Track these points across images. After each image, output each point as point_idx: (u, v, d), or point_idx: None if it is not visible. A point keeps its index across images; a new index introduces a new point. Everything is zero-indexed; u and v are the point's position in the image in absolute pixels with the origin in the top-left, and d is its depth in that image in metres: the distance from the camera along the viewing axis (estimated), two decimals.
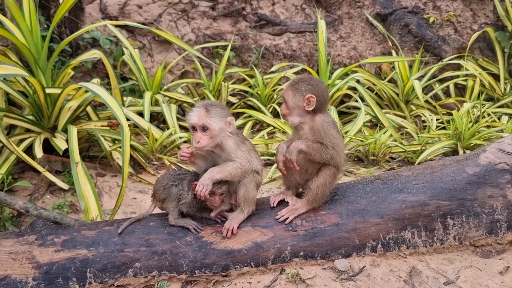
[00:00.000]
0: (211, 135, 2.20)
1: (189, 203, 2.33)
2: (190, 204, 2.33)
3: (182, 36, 5.71)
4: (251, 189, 2.32)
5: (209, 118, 2.17)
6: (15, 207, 2.61)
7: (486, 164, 2.60)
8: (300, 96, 2.29)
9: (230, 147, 2.25)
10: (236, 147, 2.26)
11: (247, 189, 2.30)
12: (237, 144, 2.28)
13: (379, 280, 2.29)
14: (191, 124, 2.20)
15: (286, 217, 2.38)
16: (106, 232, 2.37)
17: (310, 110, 2.30)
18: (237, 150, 2.26)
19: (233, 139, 2.27)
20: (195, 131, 2.21)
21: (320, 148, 2.27)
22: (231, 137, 2.27)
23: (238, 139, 2.30)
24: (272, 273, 2.32)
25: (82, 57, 3.81)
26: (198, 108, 2.21)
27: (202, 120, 2.17)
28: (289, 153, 2.30)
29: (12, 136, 3.31)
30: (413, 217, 2.45)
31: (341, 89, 4.98)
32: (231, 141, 2.26)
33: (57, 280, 2.18)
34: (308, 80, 2.34)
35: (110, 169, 3.60)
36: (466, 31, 5.82)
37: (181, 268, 2.27)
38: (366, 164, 3.95)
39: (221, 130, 2.22)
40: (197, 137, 2.19)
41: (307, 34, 5.99)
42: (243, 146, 2.30)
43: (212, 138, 2.21)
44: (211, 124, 2.17)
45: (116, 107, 2.91)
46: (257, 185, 2.37)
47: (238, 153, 2.26)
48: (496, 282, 2.27)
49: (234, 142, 2.27)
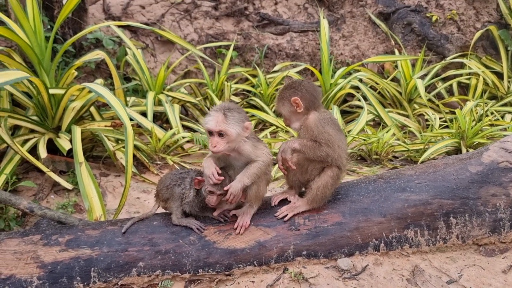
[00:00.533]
0: (228, 141, 2.18)
1: (191, 202, 2.34)
2: (192, 203, 2.34)
3: (185, 36, 5.73)
4: (263, 186, 2.36)
5: (226, 124, 2.14)
6: (19, 207, 2.62)
7: (489, 162, 2.60)
8: (287, 102, 2.34)
9: (248, 151, 2.27)
10: (253, 149, 2.28)
11: (259, 187, 2.33)
12: (254, 146, 2.29)
13: (382, 279, 2.29)
14: (207, 128, 2.18)
15: (285, 214, 2.40)
16: (110, 231, 2.38)
17: (301, 111, 2.32)
18: (256, 151, 2.28)
19: (249, 143, 2.28)
20: (211, 136, 2.19)
21: (313, 146, 2.28)
22: (247, 141, 2.26)
23: (252, 141, 2.30)
24: (275, 272, 2.33)
25: (85, 58, 3.82)
26: (216, 112, 2.17)
27: (219, 126, 2.14)
28: (284, 152, 2.31)
29: (17, 137, 3.34)
30: (416, 216, 2.45)
31: (343, 88, 4.98)
32: (248, 146, 2.27)
33: (61, 280, 2.20)
34: (290, 85, 2.39)
35: (113, 169, 3.62)
36: (469, 30, 5.81)
37: (185, 267, 2.28)
38: (369, 163, 3.95)
39: (238, 135, 2.20)
40: (214, 142, 2.17)
41: (309, 33, 5.99)
42: (260, 144, 2.32)
43: (229, 143, 2.19)
44: (228, 131, 2.15)
45: (120, 107, 2.93)
46: (267, 182, 2.40)
47: (258, 152, 2.28)
48: (499, 281, 2.27)
49: (251, 145, 2.28)
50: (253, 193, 2.34)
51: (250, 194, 2.34)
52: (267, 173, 2.37)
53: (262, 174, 2.31)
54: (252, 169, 2.27)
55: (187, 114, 5.11)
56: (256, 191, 2.33)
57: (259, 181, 2.32)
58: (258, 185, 2.32)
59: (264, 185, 2.38)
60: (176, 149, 4.08)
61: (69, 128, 3.38)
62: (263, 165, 2.28)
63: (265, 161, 2.29)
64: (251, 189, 2.33)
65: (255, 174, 2.27)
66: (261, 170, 2.28)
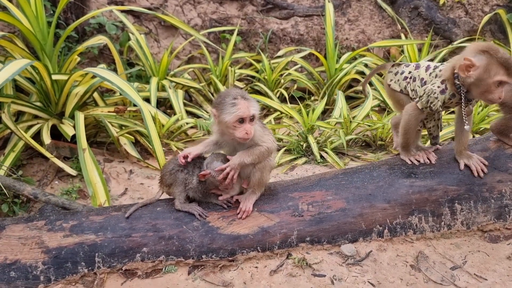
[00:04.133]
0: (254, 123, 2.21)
1: (195, 188, 2.34)
2: (195, 189, 2.34)
3: (188, 21, 5.67)
4: (266, 173, 2.35)
5: (254, 108, 2.15)
6: (23, 193, 2.64)
7: (495, 148, 2.57)
8: None
9: (258, 133, 2.26)
10: (262, 133, 2.28)
11: (262, 174, 2.33)
12: (263, 129, 2.30)
13: (385, 265, 2.29)
14: (241, 117, 2.13)
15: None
16: (113, 217, 2.39)
17: None
18: (263, 135, 2.28)
19: (259, 125, 2.29)
20: (241, 124, 2.15)
21: None
22: (256, 123, 2.26)
23: (261, 124, 2.33)
24: (278, 258, 2.33)
25: (88, 43, 3.80)
26: (240, 100, 2.14)
27: (251, 110, 2.13)
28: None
29: (20, 123, 3.33)
30: (420, 202, 2.44)
31: (349, 73, 4.92)
32: (258, 127, 2.26)
33: (66, 265, 2.21)
34: None
35: (117, 155, 3.61)
36: (477, 13, 5.71)
37: (188, 253, 2.29)
38: (374, 149, 3.93)
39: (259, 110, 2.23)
40: (248, 129, 2.15)
41: (314, 17, 5.91)
42: (266, 130, 2.33)
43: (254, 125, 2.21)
44: (257, 113, 2.17)
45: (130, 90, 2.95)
46: (271, 169, 2.39)
47: (264, 137, 2.28)
48: (504, 267, 2.26)
49: (260, 128, 2.29)
50: (256, 180, 2.34)
51: (253, 180, 2.34)
52: (271, 159, 2.36)
53: (265, 160, 2.31)
54: (255, 150, 2.27)
55: (191, 99, 5.08)
56: (260, 177, 2.33)
57: (262, 168, 2.32)
58: (261, 171, 2.32)
59: (268, 172, 2.37)
60: (180, 135, 4.07)
61: (73, 114, 3.38)
62: (266, 150, 2.28)
63: (269, 147, 2.29)
64: (254, 175, 2.33)
65: (256, 156, 2.26)
66: (263, 155, 2.28)
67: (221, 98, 2.19)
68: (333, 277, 2.21)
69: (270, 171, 2.41)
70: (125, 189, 3.19)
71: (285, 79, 5.18)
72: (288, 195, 2.47)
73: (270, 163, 2.36)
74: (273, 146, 2.31)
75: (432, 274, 2.22)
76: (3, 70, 2.64)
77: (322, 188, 2.51)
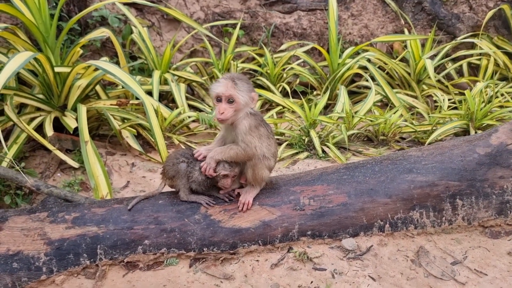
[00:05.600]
0: (236, 108, 2.18)
1: (198, 181, 2.34)
2: (199, 182, 2.35)
3: (191, 14, 5.65)
4: (259, 170, 2.32)
5: (236, 90, 2.14)
6: (26, 185, 2.65)
7: (497, 144, 2.57)
8: None
9: (242, 130, 2.22)
10: (247, 131, 2.22)
11: (254, 171, 2.32)
12: (250, 128, 2.24)
13: (386, 259, 2.29)
14: (216, 94, 2.16)
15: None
16: (115, 209, 2.40)
17: None
18: (246, 134, 2.22)
19: (248, 121, 2.23)
20: (219, 102, 2.18)
21: None
22: (247, 118, 2.23)
23: (253, 122, 2.25)
24: (279, 252, 2.34)
25: (90, 36, 3.79)
26: (225, 79, 2.17)
27: (229, 91, 2.14)
28: None
29: (23, 115, 3.34)
30: (421, 198, 2.44)
31: (351, 68, 4.91)
32: (246, 123, 2.22)
33: (68, 256, 2.22)
34: None
35: (119, 147, 3.62)
36: (481, 9, 5.67)
37: (190, 246, 2.30)
38: (376, 144, 3.92)
39: (246, 104, 2.20)
40: (221, 108, 2.15)
41: (317, 12, 5.88)
42: (255, 132, 2.25)
43: (236, 111, 2.19)
44: (238, 97, 2.15)
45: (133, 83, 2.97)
46: (267, 167, 2.35)
47: (246, 137, 2.23)
48: (504, 263, 2.26)
49: (248, 125, 2.23)
50: (250, 176, 2.34)
51: (248, 176, 2.36)
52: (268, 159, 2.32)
53: (241, 160, 2.29)
54: (229, 149, 2.26)
55: (193, 93, 5.08)
56: (252, 174, 2.33)
57: (254, 166, 2.30)
58: (253, 169, 2.31)
59: (262, 169, 2.32)
60: (182, 128, 4.07)
61: (75, 106, 3.38)
62: (241, 152, 2.24)
63: (246, 150, 2.23)
64: (247, 171, 2.34)
65: (228, 155, 2.25)
66: (237, 156, 2.25)
67: None
68: (334, 271, 2.21)
69: (268, 169, 2.37)
70: (127, 182, 3.20)
71: (288, 74, 5.17)
72: (289, 189, 2.48)
73: (264, 162, 2.31)
74: (250, 151, 2.23)
75: (432, 269, 2.23)
76: (8, 64, 2.64)
77: (323, 182, 2.51)
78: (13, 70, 2.61)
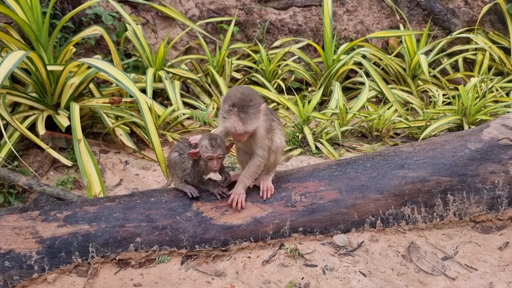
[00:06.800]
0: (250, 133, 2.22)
1: (190, 171, 2.38)
2: (190, 172, 2.38)
3: (186, 11, 5.64)
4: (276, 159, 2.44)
5: (246, 126, 2.11)
6: (18, 184, 2.65)
7: (489, 139, 2.57)
8: None
9: (259, 138, 2.28)
10: (265, 135, 2.29)
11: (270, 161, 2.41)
12: (267, 130, 2.30)
13: (377, 255, 2.30)
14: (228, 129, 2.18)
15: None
16: (107, 207, 2.40)
17: None
18: (264, 138, 2.30)
19: (264, 126, 2.28)
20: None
21: None
22: (262, 123, 2.25)
23: (266, 124, 2.30)
24: (271, 248, 2.35)
25: (83, 34, 3.78)
26: (233, 116, 2.09)
27: (239, 129, 2.10)
28: None
29: (16, 114, 3.34)
30: (413, 193, 2.45)
31: (346, 64, 4.90)
32: (262, 129, 2.27)
33: (60, 254, 2.23)
34: None
35: (113, 145, 3.62)
36: (476, 3, 5.66)
37: (181, 243, 2.31)
38: (370, 140, 3.93)
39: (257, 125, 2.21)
40: (236, 138, 2.20)
41: (313, 8, 5.86)
42: (270, 133, 2.33)
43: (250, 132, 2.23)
44: (249, 129, 2.14)
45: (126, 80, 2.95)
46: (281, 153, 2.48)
47: (264, 141, 2.30)
48: (495, 258, 2.27)
49: (265, 129, 2.29)
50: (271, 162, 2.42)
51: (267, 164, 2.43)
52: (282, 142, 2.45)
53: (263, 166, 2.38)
54: (252, 168, 2.33)
55: (188, 90, 5.07)
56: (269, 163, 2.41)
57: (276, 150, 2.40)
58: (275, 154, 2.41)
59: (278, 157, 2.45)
60: (176, 126, 4.07)
61: (68, 104, 3.37)
62: (261, 161, 2.32)
63: (264, 156, 2.32)
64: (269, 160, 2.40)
65: (254, 172, 2.35)
66: (260, 168, 2.35)
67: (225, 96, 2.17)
68: (325, 267, 2.22)
69: (281, 154, 2.49)
70: (120, 179, 3.20)
71: (283, 70, 5.17)
72: (281, 185, 2.48)
73: (279, 151, 2.43)
74: (266, 154, 2.34)
75: (423, 264, 2.23)
76: (2, 64, 2.64)
77: (315, 179, 2.52)
78: (8, 70, 2.61)
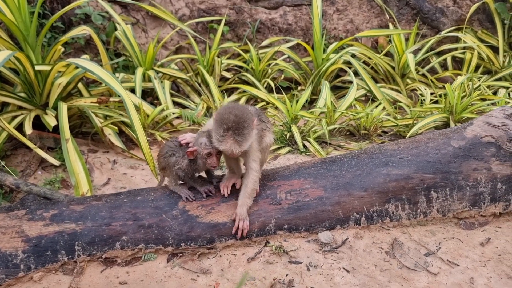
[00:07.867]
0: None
1: (184, 168, 2.38)
2: (184, 170, 2.38)
3: (176, 11, 5.64)
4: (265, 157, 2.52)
5: (242, 147, 2.11)
6: (5, 183, 2.65)
7: (471, 137, 2.61)
8: None
9: (253, 149, 2.30)
10: (257, 147, 2.32)
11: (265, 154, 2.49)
12: (259, 142, 2.34)
13: (361, 251, 2.33)
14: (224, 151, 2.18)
15: None
16: (94, 206, 2.41)
17: None
18: (256, 151, 2.32)
19: (257, 140, 2.30)
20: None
21: None
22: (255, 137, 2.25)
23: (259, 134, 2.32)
24: (256, 246, 2.37)
25: (71, 33, 3.78)
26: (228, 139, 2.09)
27: (238, 151, 2.12)
28: None
29: (4, 113, 3.33)
30: (397, 190, 2.48)
31: (336, 63, 4.93)
32: (255, 143, 2.29)
33: (46, 253, 2.24)
34: None
35: (102, 145, 3.63)
36: (465, 3, 5.71)
37: (167, 241, 2.32)
38: (358, 138, 3.96)
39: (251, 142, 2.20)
40: (230, 155, 2.21)
41: (303, 7, 5.89)
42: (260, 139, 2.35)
43: None
44: (245, 149, 2.15)
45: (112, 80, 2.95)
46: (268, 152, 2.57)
47: (256, 154, 2.32)
48: (476, 253, 2.31)
49: (257, 142, 2.32)
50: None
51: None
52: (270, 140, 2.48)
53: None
54: (248, 186, 2.32)
55: (178, 90, 5.08)
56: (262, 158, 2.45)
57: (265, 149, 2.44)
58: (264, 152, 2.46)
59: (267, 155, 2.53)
60: (165, 125, 4.08)
61: (56, 104, 3.38)
62: (256, 176, 2.32)
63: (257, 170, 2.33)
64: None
65: (252, 190, 2.34)
66: (256, 183, 2.34)
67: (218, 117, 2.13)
68: (309, 264, 2.25)
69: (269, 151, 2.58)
70: (108, 179, 3.21)
71: (273, 69, 5.19)
72: (266, 183, 2.51)
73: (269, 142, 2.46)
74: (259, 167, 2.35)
75: (406, 260, 2.26)
76: None
77: (300, 177, 2.54)
78: None
